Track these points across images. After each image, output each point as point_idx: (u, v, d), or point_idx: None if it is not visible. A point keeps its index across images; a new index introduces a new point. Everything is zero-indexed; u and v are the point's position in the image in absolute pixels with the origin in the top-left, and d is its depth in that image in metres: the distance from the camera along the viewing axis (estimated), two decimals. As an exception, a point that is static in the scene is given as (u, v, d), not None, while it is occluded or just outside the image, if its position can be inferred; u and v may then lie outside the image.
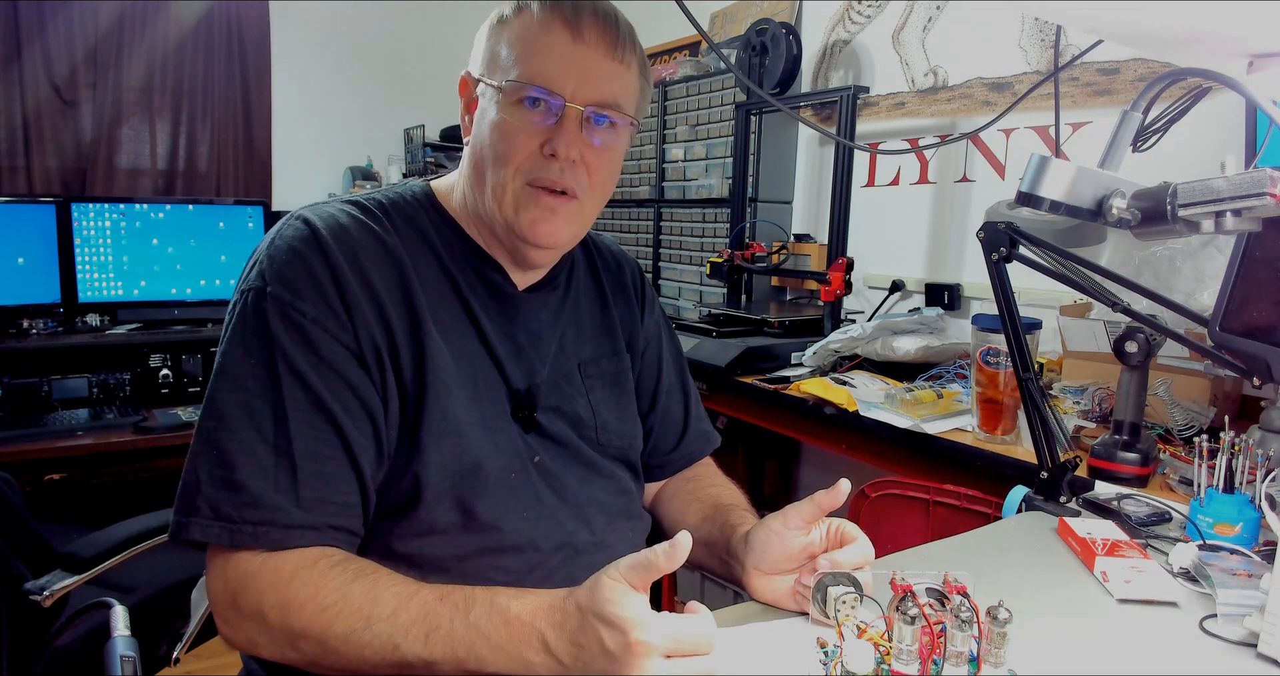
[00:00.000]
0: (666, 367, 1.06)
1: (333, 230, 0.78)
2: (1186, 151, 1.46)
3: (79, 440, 2.28)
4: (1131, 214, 0.82)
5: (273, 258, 0.76)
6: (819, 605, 0.72)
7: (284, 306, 0.74)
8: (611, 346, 0.99)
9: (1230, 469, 0.94)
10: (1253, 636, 0.71)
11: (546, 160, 0.81)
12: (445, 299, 0.84)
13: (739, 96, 2.55)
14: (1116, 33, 1.09)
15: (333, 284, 0.75)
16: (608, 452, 0.94)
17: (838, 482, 0.75)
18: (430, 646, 0.65)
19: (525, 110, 0.80)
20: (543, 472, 0.86)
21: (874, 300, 2.36)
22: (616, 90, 0.83)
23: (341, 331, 0.75)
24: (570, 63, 0.80)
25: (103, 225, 2.71)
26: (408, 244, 0.83)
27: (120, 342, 2.64)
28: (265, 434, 0.71)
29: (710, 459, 1.11)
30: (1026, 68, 2.01)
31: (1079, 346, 1.58)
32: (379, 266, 0.79)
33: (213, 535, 0.69)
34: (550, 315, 0.93)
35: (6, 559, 1.26)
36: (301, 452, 0.71)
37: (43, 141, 3.18)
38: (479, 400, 0.83)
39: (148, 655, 1.35)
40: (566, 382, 0.92)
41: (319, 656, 0.68)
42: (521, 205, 0.82)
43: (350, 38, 3.83)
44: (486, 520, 0.80)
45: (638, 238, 3.06)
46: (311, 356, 0.73)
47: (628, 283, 1.05)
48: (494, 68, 0.83)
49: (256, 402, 0.72)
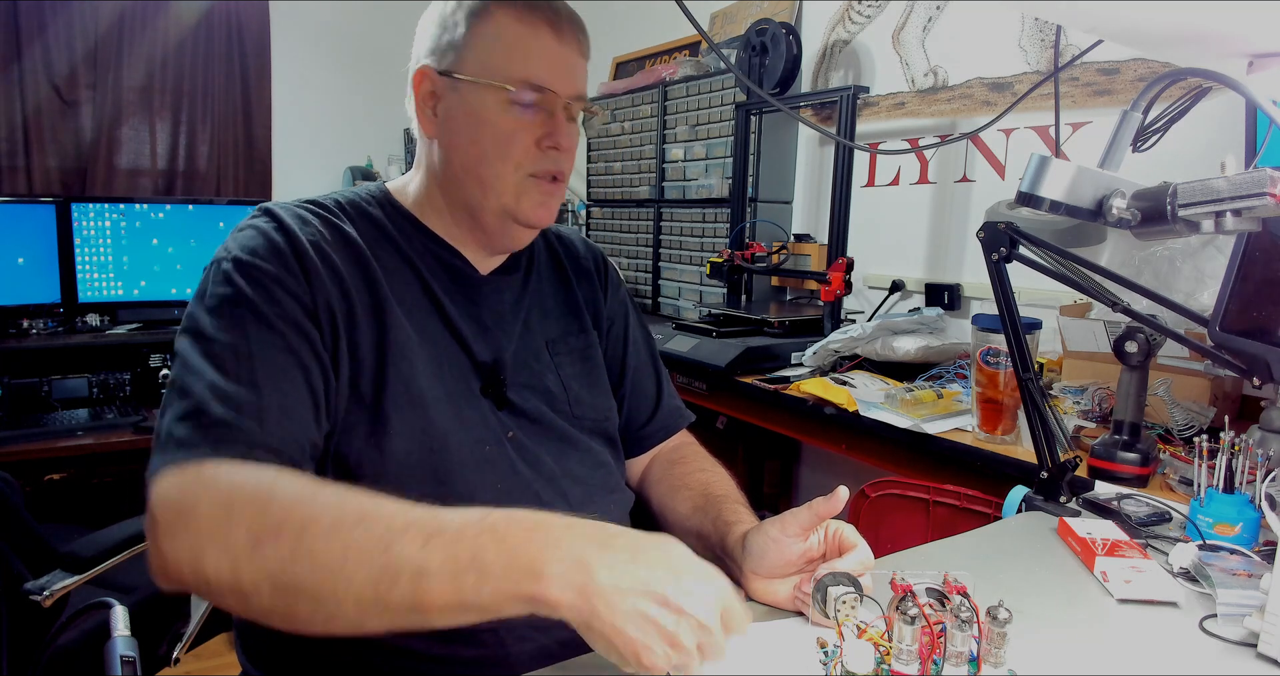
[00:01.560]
0: (635, 345, 1.09)
1: (295, 218, 0.82)
2: (1186, 151, 1.46)
3: (79, 440, 2.28)
4: (1131, 214, 0.82)
5: (236, 237, 0.81)
6: (819, 605, 0.72)
7: (246, 266, 0.77)
8: (578, 324, 1.02)
9: (1230, 469, 0.94)
10: (1253, 636, 0.71)
11: (544, 153, 0.86)
12: (407, 282, 0.87)
13: (739, 96, 2.55)
14: (1116, 33, 1.09)
15: (293, 255, 0.78)
16: (583, 426, 0.96)
17: (836, 490, 0.75)
18: (429, 549, 0.55)
19: (521, 109, 0.84)
20: (517, 448, 0.88)
21: (874, 300, 2.36)
22: (585, 83, 0.90)
23: (300, 291, 0.77)
24: (558, 61, 0.85)
25: (103, 225, 2.71)
26: (366, 237, 0.86)
27: (120, 342, 2.64)
28: (230, 373, 0.71)
29: (696, 440, 1.12)
30: (1026, 68, 2.01)
31: (1079, 346, 1.58)
32: (339, 251, 0.82)
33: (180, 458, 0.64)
34: (513, 296, 0.96)
35: (6, 559, 1.26)
36: (268, 387, 0.71)
37: (43, 141, 3.18)
38: (442, 376, 0.85)
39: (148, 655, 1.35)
40: (535, 360, 0.94)
41: (282, 565, 0.57)
42: (524, 194, 0.87)
43: (350, 38, 3.83)
44: (461, 493, 0.81)
45: (637, 238, 3.06)
46: (275, 308, 0.75)
47: (589, 266, 1.07)
48: (476, 65, 0.84)
49: (222, 350, 0.72)
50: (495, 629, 0.79)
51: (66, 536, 1.41)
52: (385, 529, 0.56)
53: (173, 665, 1.48)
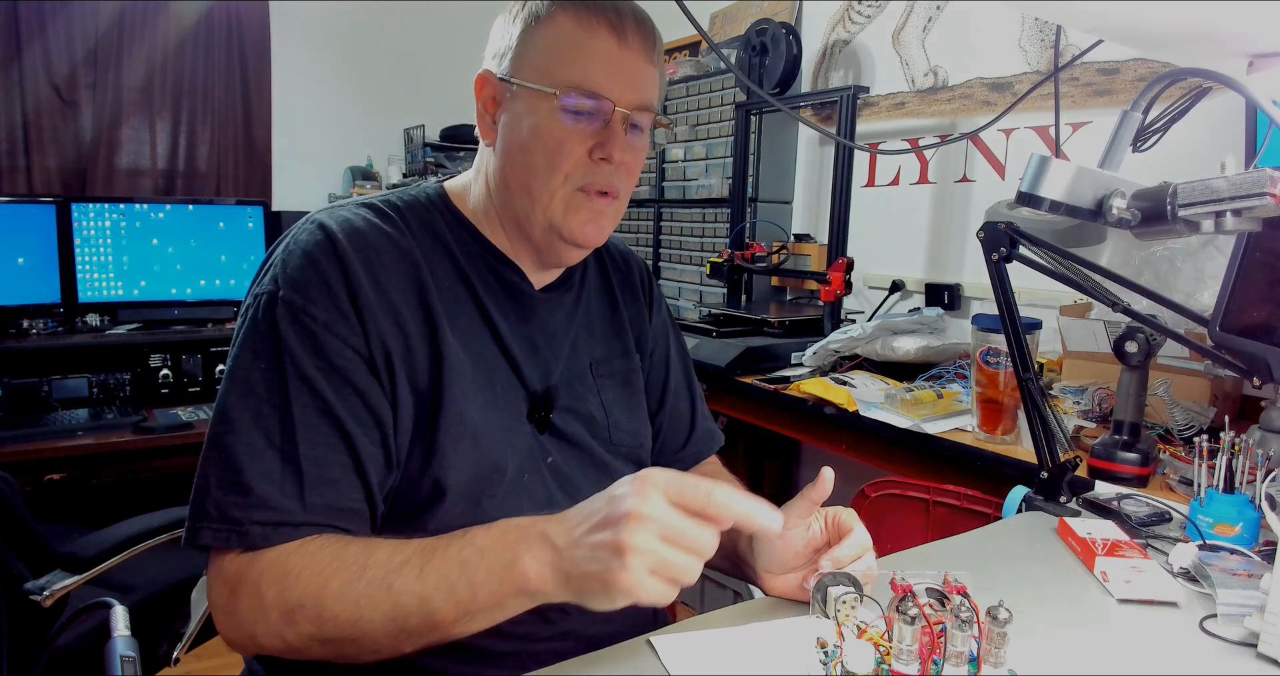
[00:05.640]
0: (674, 367, 1.06)
1: (348, 234, 0.78)
2: (1186, 151, 1.46)
3: (79, 440, 2.28)
4: (1131, 214, 0.82)
5: (286, 262, 0.76)
6: (819, 605, 0.72)
7: (295, 311, 0.73)
8: (622, 346, 0.98)
9: (1230, 469, 0.94)
10: (1253, 636, 0.71)
11: (596, 165, 0.81)
12: (461, 302, 0.83)
13: (739, 96, 2.55)
14: (1116, 33, 1.09)
15: (345, 289, 0.75)
16: (620, 452, 0.94)
17: (820, 472, 0.75)
18: (424, 576, 0.63)
19: (573, 116, 0.79)
20: (555, 473, 0.86)
21: (874, 300, 2.36)
22: (652, 92, 0.83)
23: (352, 336, 0.74)
24: (617, 67, 0.79)
25: (103, 225, 2.71)
26: (423, 247, 0.82)
27: (120, 342, 2.64)
28: (273, 438, 0.71)
29: (716, 459, 1.11)
30: (1026, 68, 2.01)
31: (1079, 346, 1.58)
32: (394, 270, 0.78)
33: (222, 539, 0.69)
34: (565, 315, 0.92)
35: (6, 559, 1.26)
36: (308, 457, 0.71)
37: (43, 141, 3.18)
38: (496, 403, 0.82)
39: (148, 655, 1.35)
40: (579, 382, 0.91)
41: (316, 627, 0.65)
42: (571, 209, 0.82)
43: (350, 38, 3.83)
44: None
45: (638, 238, 3.06)
46: (321, 362, 0.73)
47: (636, 282, 1.04)
48: (531, 70, 0.80)
49: (265, 407, 0.71)
50: (517, 652, 0.80)
51: (66, 536, 1.41)
52: (385, 572, 0.64)
53: (173, 665, 1.48)
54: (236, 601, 0.69)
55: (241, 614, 0.69)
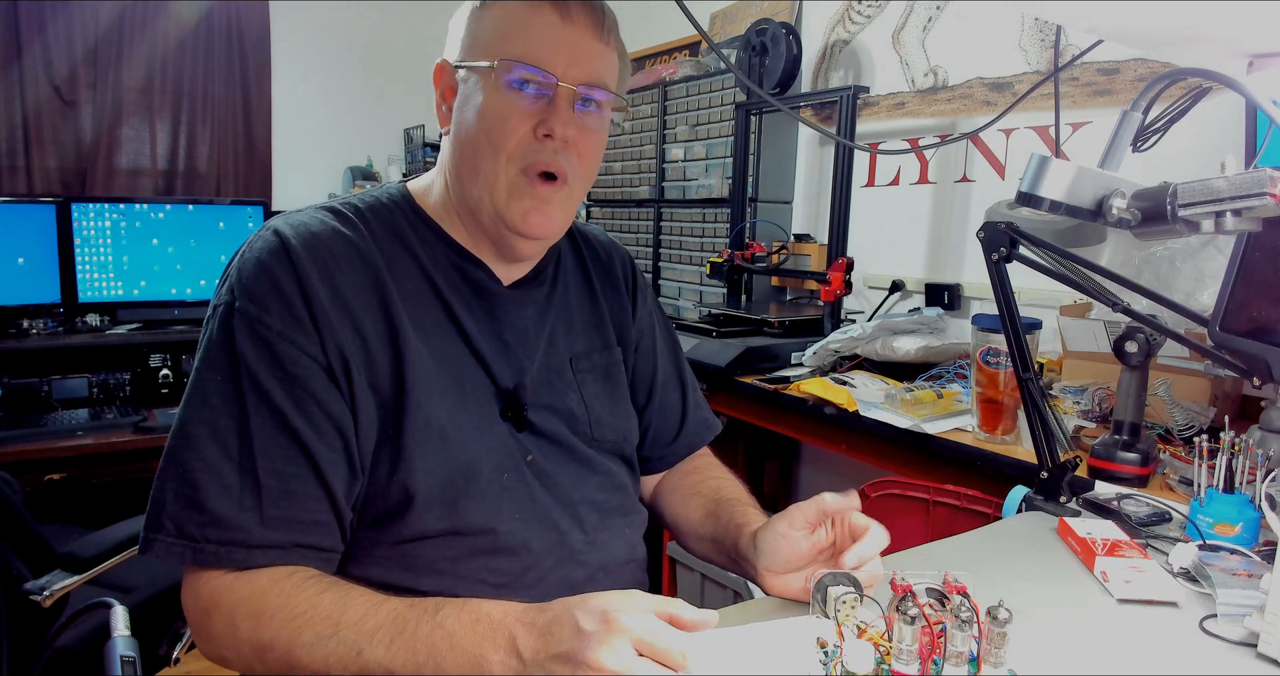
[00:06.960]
0: (661, 360, 1.05)
1: (303, 239, 0.76)
2: (1186, 151, 1.46)
3: (79, 440, 2.28)
4: (1131, 214, 0.82)
5: (241, 271, 0.76)
6: (819, 605, 0.72)
7: (250, 320, 0.73)
8: (602, 340, 0.97)
9: (1230, 469, 0.94)
10: (1253, 636, 0.71)
11: (540, 142, 0.79)
12: (424, 302, 0.82)
13: (739, 96, 2.55)
14: (1116, 33, 1.09)
15: (300, 296, 0.74)
16: (602, 447, 0.93)
17: (850, 492, 0.76)
18: (392, 651, 0.63)
19: (515, 92, 0.79)
20: (536, 472, 0.85)
21: (874, 300, 2.36)
22: (604, 69, 0.82)
23: (309, 343, 0.73)
24: (560, 42, 0.79)
25: (103, 225, 2.71)
26: (383, 248, 0.81)
27: (120, 343, 2.64)
28: (230, 452, 0.70)
29: (709, 449, 1.11)
30: (1026, 68, 2.01)
31: (1079, 346, 1.58)
32: (351, 273, 0.77)
33: (176, 553, 0.69)
34: (537, 312, 0.91)
35: (6, 559, 1.26)
36: (266, 471, 0.70)
37: (43, 141, 3.18)
38: (465, 403, 0.81)
39: (148, 655, 1.35)
40: (558, 378, 0.90)
41: (285, 669, 0.67)
42: (514, 195, 0.81)
43: (350, 38, 3.83)
44: (479, 523, 0.80)
45: (638, 238, 3.06)
46: (278, 371, 0.72)
47: (617, 273, 1.02)
48: (477, 51, 0.81)
49: (222, 420, 0.71)
50: None
51: (66, 536, 1.41)
52: (356, 635, 0.65)
53: (173, 665, 1.48)
54: (210, 624, 0.70)
55: (216, 638, 0.70)
